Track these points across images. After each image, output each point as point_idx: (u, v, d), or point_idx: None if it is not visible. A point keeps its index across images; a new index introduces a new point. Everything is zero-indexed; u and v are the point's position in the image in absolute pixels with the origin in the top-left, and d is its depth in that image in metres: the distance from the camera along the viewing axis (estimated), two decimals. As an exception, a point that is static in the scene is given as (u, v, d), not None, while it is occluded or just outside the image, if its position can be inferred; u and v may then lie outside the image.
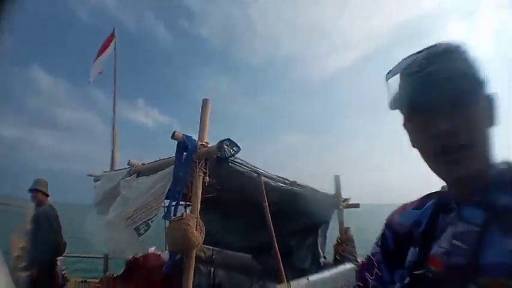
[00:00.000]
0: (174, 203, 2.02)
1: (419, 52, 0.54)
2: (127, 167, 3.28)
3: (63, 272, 5.31)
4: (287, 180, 2.83)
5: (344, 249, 2.76)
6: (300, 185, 2.86)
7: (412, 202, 0.70)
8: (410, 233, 0.64)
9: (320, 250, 3.32)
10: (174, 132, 1.92)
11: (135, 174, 2.96)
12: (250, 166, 2.41)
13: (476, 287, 0.46)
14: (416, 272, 0.56)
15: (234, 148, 2.08)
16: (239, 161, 2.31)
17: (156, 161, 2.75)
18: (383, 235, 0.71)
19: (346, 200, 3.24)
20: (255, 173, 2.45)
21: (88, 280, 5.60)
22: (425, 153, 0.56)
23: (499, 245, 0.47)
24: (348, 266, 2.60)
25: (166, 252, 2.90)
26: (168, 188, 2.15)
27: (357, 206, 3.38)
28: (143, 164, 2.99)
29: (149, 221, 2.41)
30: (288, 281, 2.25)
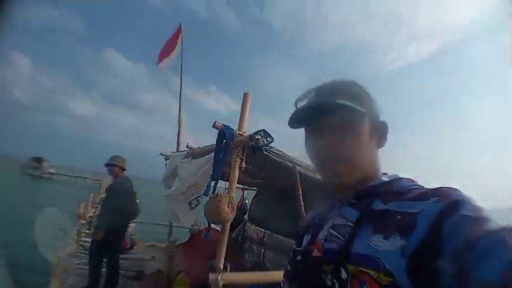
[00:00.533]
0: (213, 183, 2.33)
1: (315, 87, 0.70)
2: (187, 149, 3.76)
3: (133, 237, 6.22)
4: None
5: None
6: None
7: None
8: (309, 224, 0.78)
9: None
10: (215, 122, 2.20)
11: (191, 157, 3.40)
12: (286, 156, 2.57)
13: (345, 271, 0.55)
14: (299, 249, 0.70)
15: (267, 139, 2.27)
16: (275, 150, 2.48)
17: (208, 146, 3.10)
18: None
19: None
20: (290, 162, 2.59)
21: (156, 244, 6.50)
22: (314, 165, 0.70)
23: (366, 240, 0.55)
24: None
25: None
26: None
27: None
28: (199, 148, 3.40)
29: (199, 198, 2.83)
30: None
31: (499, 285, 0.37)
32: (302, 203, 2.58)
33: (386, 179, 0.65)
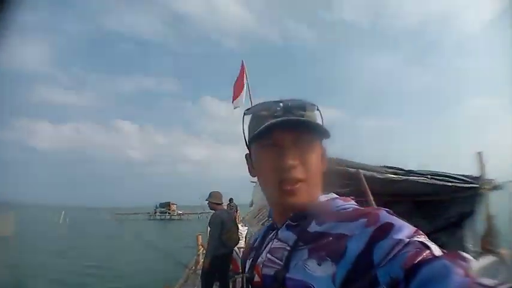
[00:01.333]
0: None
1: (276, 102, 0.65)
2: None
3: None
4: (401, 169, 2.63)
5: (487, 242, 2.30)
6: (417, 173, 2.60)
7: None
8: (251, 248, 0.78)
9: (468, 245, 2.82)
10: None
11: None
12: (346, 162, 2.48)
13: None
14: (236, 277, 0.77)
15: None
16: (334, 159, 2.42)
17: None
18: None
19: (491, 181, 2.63)
20: (352, 167, 2.48)
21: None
22: (266, 181, 0.65)
23: (301, 264, 0.54)
24: (491, 259, 2.19)
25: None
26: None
27: (499, 187, 2.67)
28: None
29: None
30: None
31: None
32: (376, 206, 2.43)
33: (323, 200, 0.65)
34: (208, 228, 4.58)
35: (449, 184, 2.67)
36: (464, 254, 0.39)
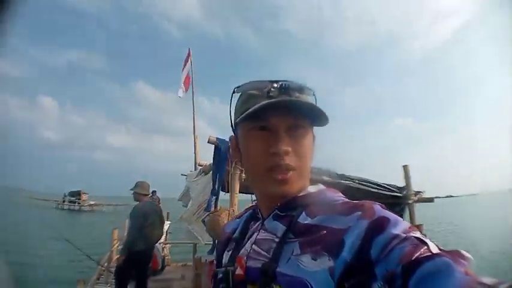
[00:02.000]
0: (213, 198, 2.31)
1: (271, 81, 0.59)
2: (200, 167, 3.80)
3: (166, 258, 6.28)
4: (333, 172, 2.76)
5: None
6: (351, 179, 2.76)
7: (240, 213, 0.78)
8: (228, 238, 0.72)
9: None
10: (209, 137, 2.22)
11: (203, 174, 3.42)
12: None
13: None
14: (219, 270, 0.63)
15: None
16: None
17: None
18: (213, 244, 0.79)
19: (418, 193, 2.94)
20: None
21: (187, 264, 6.52)
22: (254, 168, 0.60)
23: (293, 258, 0.51)
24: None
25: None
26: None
27: (430, 200, 3.03)
28: (209, 164, 3.41)
29: (207, 212, 2.83)
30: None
31: None
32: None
33: (312, 191, 0.61)
34: (128, 221, 4.14)
35: (374, 190, 2.89)
36: (464, 252, 0.39)
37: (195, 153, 4.88)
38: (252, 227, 0.66)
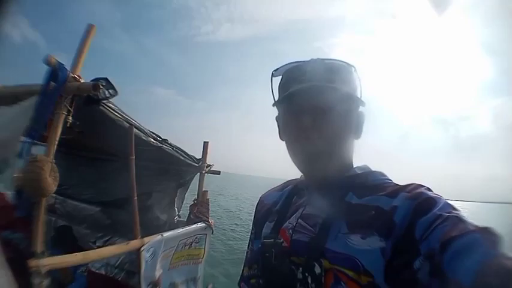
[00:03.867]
0: (30, 141, 1.63)
1: (305, 62, 0.62)
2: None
3: None
4: (159, 137, 2.75)
5: (198, 210, 2.97)
6: (170, 144, 2.84)
7: (278, 186, 0.81)
8: (269, 210, 0.74)
9: (176, 209, 3.46)
10: (47, 56, 1.53)
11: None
12: (123, 114, 2.20)
13: (319, 266, 0.53)
14: (265, 240, 0.63)
15: (110, 91, 1.85)
16: (112, 106, 2.07)
17: (22, 85, 2.08)
18: (255, 213, 0.80)
19: (209, 166, 3.45)
20: (127, 122, 2.26)
21: None
22: (290, 143, 0.64)
23: (341, 236, 0.54)
24: (200, 225, 2.85)
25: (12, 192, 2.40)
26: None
27: (217, 172, 3.65)
28: (4, 87, 2.21)
29: (8, 159, 1.89)
30: (142, 237, 2.25)
31: (473, 285, 0.37)
32: (133, 169, 2.34)
33: (359, 171, 0.64)
34: None
35: (182, 158, 3.16)
36: (493, 229, 0.42)
37: None
38: (297, 202, 0.67)
